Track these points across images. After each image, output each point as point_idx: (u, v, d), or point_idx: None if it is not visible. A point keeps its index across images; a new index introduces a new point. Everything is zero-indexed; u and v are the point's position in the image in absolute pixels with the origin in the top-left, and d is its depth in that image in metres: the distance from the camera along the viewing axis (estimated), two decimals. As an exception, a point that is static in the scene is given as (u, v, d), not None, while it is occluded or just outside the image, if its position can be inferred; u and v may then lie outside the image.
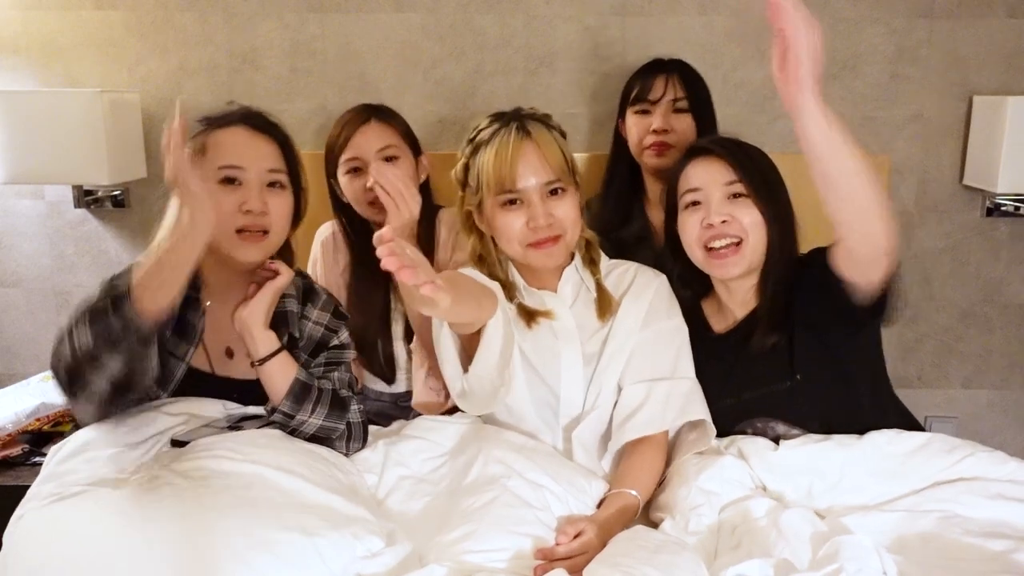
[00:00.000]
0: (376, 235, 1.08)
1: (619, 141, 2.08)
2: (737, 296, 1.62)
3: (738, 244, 1.55)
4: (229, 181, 1.44)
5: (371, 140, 1.87)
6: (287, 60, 2.30)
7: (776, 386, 1.56)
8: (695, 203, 1.58)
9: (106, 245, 2.40)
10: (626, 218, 2.08)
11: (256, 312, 1.46)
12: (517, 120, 1.53)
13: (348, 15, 2.28)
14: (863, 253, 1.35)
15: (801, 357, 1.53)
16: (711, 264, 1.58)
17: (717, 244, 1.55)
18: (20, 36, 2.28)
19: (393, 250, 1.05)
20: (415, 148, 1.96)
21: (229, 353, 1.52)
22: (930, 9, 2.28)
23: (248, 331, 1.45)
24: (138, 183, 2.32)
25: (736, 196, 1.55)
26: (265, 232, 1.45)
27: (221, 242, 1.43)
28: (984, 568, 1.21)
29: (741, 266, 1.55)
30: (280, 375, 1.46)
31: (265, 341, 1.46)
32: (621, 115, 2.08)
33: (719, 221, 1.54)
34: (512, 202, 1.51)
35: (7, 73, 2.29)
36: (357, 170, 1.87)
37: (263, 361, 1.45)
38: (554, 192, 1.51)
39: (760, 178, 1.56)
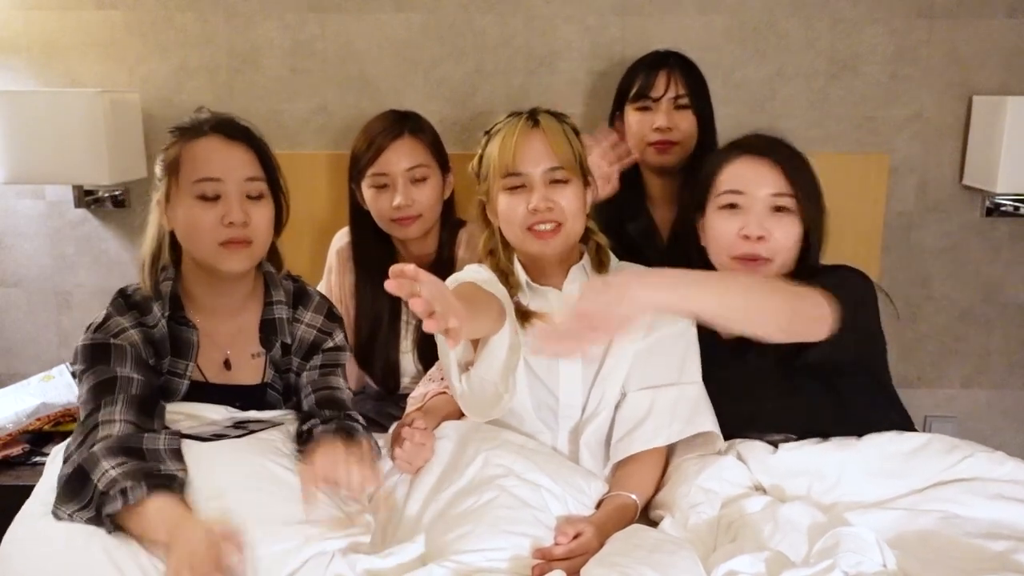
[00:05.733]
0: (395, 268, 1.06)
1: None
2: None
3: (768, 261, 1.47)
4: (207, 196, 1.40)
5: (401, 158, 1.85)
6: (287, 60, 2.30)
7: (773, 402, 1.53)
8: (733, 205, 1.49)
9: (106, 245, 2.40)
10: (634, 212, 2.02)
11: None
12: (530, 113, 1.56)
13: (348, 15, 2.28)
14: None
15: (799, 376, 1.49)
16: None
17: (747, 253, 1.47)
18: (21, 36, 2.28)
19: (414, 292, 1.02)
20: (443, 163, 1.93)
21: (227, 364, 1.51)
22: (930, 9, 2.28)
23: None
24: (138, 183, 2.31)
25: (780, 209, 1.46)
26: (249, 242, 1.42)
27: (205, 256, 1.41)
28: (984, 567, 1.21)
29: None
30: None
31: None
32: (618, 109, 2.03)
33: (756, 236, 1.46)
34: (516, 187, 1.52)
35: (7, 73, 2.29)
36: (384, 186, 1.86)
37: None
38: (557, 181, 1.52)
39: (810, 191, 1.46)
